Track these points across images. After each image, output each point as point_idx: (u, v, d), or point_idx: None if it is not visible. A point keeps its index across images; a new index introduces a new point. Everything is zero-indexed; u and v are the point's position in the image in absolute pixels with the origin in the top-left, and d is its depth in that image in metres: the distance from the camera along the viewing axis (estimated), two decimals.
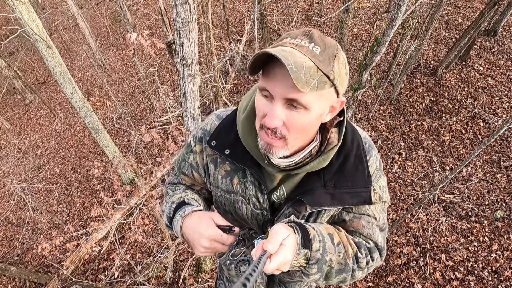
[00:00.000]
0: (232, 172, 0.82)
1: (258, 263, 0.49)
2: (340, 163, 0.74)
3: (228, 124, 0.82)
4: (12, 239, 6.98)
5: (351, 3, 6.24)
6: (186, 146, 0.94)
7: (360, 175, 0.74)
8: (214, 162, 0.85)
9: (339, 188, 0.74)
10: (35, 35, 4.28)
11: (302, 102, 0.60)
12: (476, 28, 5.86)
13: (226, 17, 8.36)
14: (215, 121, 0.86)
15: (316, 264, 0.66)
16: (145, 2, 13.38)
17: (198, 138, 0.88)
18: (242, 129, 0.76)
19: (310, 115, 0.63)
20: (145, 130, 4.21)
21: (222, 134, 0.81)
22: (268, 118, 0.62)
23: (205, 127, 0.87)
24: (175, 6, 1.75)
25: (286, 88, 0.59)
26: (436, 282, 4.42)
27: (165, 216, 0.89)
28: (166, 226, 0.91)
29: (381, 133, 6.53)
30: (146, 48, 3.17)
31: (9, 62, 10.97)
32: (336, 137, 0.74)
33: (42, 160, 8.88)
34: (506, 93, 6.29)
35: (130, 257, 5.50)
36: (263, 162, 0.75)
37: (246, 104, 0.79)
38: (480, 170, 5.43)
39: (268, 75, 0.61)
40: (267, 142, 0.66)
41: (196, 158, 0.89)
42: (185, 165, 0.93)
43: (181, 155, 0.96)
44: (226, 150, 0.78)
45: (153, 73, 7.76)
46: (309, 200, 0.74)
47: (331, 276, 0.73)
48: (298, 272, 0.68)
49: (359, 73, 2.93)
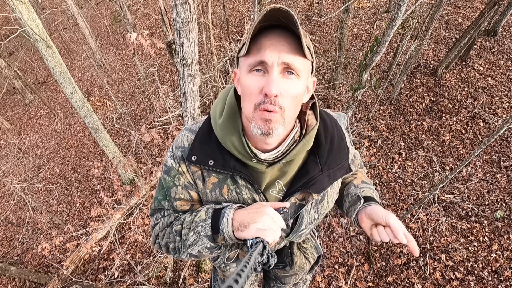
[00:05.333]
0: (220, 182, 0.80)
1: (249, 259, 0.49)
2: (329, 144, 0.80)
3: (205, 134, 0.79)
4: (12, 239, 6.97)
5: (351, 3, 6.24)
6: (167, 172, 0.84)
7: (343, 150, 0.83)
8: (200, 177, 0.81)
9: (333, 168, 0.81)
10: (35, 35, 4.28)
11: (296, 67, 0.64)
12: (476, 28, 5.86)
13: (226, 17, 8.35)
14: (190, 135, 0.82)
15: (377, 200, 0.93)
16: (145, 2, 13.38)
17: (179, 157, 0.82)
18: (222, 132, 0.75)
19: (301, 84, 0.67)
20: (145, 130, 4.22)
21: (201, 145, 0.78)
22: (268, 86, 0.62)
23: (182, 144, 0.82)
24: (175, 6, 1.74)
25: (282, 53, 0.62)
26: (436, 282, 4.42)
27: (203, 234, 0.77)
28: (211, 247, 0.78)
29: (381, 133, 6.53)
30: (146, 48, 3.17)
31: (9, 62, 10.97)
32: (313, 117, 0.79)
33: (42, 160, 8.88)
34: (506, 93, 6.29)
35: (130, 257, 5.49)
36: (251, 160, 0.75)
37: (221, 108, 0.78)
38: (480, 170, 5.43)
39: (261, 45, 0.63)
40: (265, 119, 0.64)
41: (187, 177, 0.82)
42: (177, 190, 0.84)
43: (164, 185, 0.86)
44: (210, 161, 0.77)
45: (153, 73, 7.77)
46: (315, 189, 0.79)
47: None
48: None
49: (359, 73, 2.93)
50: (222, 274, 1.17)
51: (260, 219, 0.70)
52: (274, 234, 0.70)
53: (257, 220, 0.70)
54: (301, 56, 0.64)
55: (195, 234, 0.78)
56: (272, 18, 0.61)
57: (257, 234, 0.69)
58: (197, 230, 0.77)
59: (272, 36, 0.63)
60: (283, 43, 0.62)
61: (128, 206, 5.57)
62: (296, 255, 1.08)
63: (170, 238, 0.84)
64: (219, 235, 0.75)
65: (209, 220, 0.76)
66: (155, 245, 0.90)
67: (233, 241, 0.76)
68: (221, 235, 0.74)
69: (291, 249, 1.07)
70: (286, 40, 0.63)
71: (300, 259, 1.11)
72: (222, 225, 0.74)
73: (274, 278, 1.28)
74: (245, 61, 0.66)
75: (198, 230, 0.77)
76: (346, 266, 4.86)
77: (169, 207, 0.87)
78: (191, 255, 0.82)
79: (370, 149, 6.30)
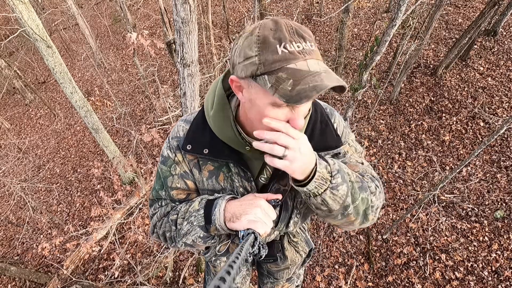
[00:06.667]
0: (216, 170, 0.83)
1: (240, 250, 0.50)
2: (310, 131, 0.80)
3: (199, 124, 0.82)
4: (12, 239, 6.98)
5: (351, 3, 6.24)
6: (164, 162, 0.87)
7: (329, 136, 0.81)
8: (196, 166, 0.84)
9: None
10: (35, 35, 4.28)
11: None
12: (476, 28, 5.86)
13: (226, 17, 8.36)
14: (185, 125, 0.85)
15: (338, 174, 0.68)
16: (145, 2, 13.38)
17: (175, 147, 0.84)
18: (215, 124, 0.77)
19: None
20: (145, 130, 4.22)
21: (196, 135, 0.81)
22: (296, 122, 0.64)
23: (177, 134, 0.85)
24: (175, 6, 1.75)
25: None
26: (436, 282, 4.42)
27: (196, 224, 0.79)
28: (204, 236, 0.80)
29: (381, 133, 6.53)
30: (146, 48, 3.17)
31: (9, 62, 10.97)
32: None
33: (42, 160, 8.88)
34: (506, 93, 6.29)
35: (130, 257, 5.50)
36: (244, 149, 0.77)
37: (211, 100, 0.79)
38: (480, 170, 5.43)
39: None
40: None
41: (183, 167, 0.85)
42: (173, 179, 0.86)
43: (161, 175, 0.88)
44: (204, 150, 0.79)
45: (153, 73, 7.77)
46: None
47: (356, 193, 0.72)
48: (327, 191, 0.67)
49: (359, 73, 2.93)
50: (213, 269, 1.18)
51: (252, 211, 0.71)
52: (265, 226, 0.71)
53: (248, 212, 0.71)
54: None
55: (189, 224, 0.80)
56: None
57: (248, 226, 0.70)
58: (191, 220, 0.80)
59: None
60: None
61: (128, 206, 5.57)
62: (287, 249, 1.10)
63: (166, 227, 0.86)
64: (212, 225, 0.77)
65: (202, 210, 0.78)
66: (153, 234, 0.92)
67: (225, 232, 0.77)
68: (213, 225, 0.76)
69: (282, 243, 1.08)
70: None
71: (292, 253, 1.12)
72: (214, 216, 0.76)
73: (267, 274, 1.29)
74: (271, 97, 0.60)
75: (192, 220, 0.79)
76: (346, 266, 4.86)
77: (166, 196, 0.90)
78: (186, 244, 0.84)
79: (370, 149, 6.30)
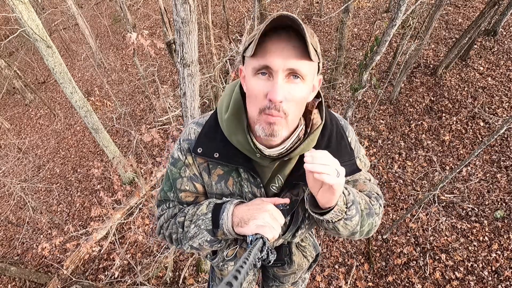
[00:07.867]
0: (225, 174, 0.82)
1: (248, 255, 0.50)
2: (326, 142, 0.79)
3: (211, 127, 0.81)
4: (12, 239, 6.98)
5: (351, 3, 6.24)
6: (174, 163, 0.86)
7: (344, 149, 0.81)
8: (206, 169, 0.83)
9: None
10: (35, 35, 4.28)
11: (302, 71, 0.63)
12: (476, 28, 5.86)
13: (226, 17, 8.36)
14: (197, 128, 0.84)
15: (353, 205, 0.71)
16: (145, 2, 13.38)
17: (185, 150, 0.84)
18: (228, 128, 0.76)
19: (307, 87, 0.67)
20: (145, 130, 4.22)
21: (207, 139, 0.80)
22: (273, 92, 0.63)
23: (189, 136, 0.84)
24: (175, 6, 1.75)
25: (287, 59, 0.62)
26: (436, 282, 4.42)
27: (204, 228, 0.79)
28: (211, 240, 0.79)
29: (381, 133, 6.53)
30: (146, 48, 3.17)
31: (9, 62, 10.97)
32: (319, 117, 0.79)
33: (42, 160, 8.88)
34: (506, 93, 6.29)
35: (130, 257, 5.50)
36: (255, 156, 0.76)
37: (227, 103, 0.79)
38: (480, 170, 5.43)
39: (267, 50, 0.62)
40: (269, 122, 0.66)
41: (192, 169, 0.84)
42: (182, 181, 0.85)
43: (171, 177, 0.88)
44: (215, 154, 0.78)
45: (153, 73, 7.76)
46: (305, 182, 0.76)
47: (364, 220, 0.76)
48: (341, 221, 0.71)
49: (359, 73, 2.93)
50: (220, 273, 1.17)
51: (260, 215, 0.71)
52: (273, 231, 0.70)
53: (257, 217, 0.71)
54: (307, 60, 0.63)
55: (196, 227, 0.79)
56: (278, 22, 0.61)
57: (256, 231, 0.70)
58: (198, 223, 0.79)
59: (278, 40, 0.62)
60: (289, 47, 0.62)
61: (128, 206, 5.57)
62: (294, 254, 1.08)
63: (173, 229, 0.86)
64: (219, 230, 0.76)
65: (209, 214, 0.78)
66: (159, 235, 0.92)
67: (233, 236, 0.77)
68: (221, 229, 0.76)
69: (290, 247, 1.07)
70: (292, 44, 0.62)
71: (299, 258, 1.11)
72: (222, 220, 0.75)
73: (273, 277, 1.29)
74: (250, 62, 0.66)
75: (199, 223, 0.79)
76: (346, 266, 4.86)
77: (174, 198, 0.89)
78: (192, 247, 0.83)
79: (370, 149, 6.30)
